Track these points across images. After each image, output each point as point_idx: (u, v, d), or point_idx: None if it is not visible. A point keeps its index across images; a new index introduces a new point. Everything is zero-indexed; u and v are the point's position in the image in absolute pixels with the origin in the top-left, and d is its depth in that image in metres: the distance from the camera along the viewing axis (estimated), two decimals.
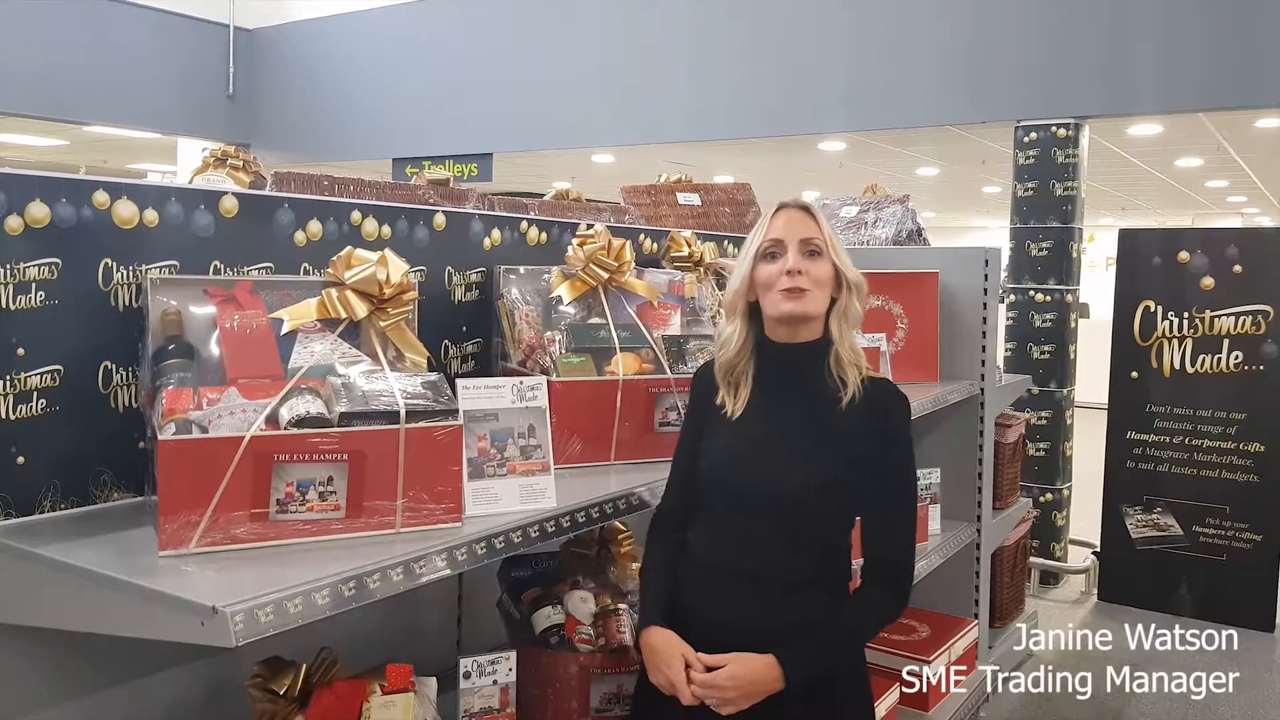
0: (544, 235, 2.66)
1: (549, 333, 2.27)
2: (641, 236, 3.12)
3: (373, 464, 1.55)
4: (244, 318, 1.67)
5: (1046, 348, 5.88)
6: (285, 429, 1.50)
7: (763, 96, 7.02)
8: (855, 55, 6.66)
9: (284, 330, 1.68)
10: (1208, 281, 5.44)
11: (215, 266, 1.86)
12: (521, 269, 2.41)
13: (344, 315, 1.72)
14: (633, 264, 2.47)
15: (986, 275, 3.88)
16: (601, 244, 2.40)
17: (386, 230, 2.20)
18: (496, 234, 2.50)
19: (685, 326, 2.55)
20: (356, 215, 2.13)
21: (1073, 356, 5.96)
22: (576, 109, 7.73)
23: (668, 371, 2.30)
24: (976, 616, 4.04)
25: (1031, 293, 5.90)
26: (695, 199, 4.29)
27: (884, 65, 6.57)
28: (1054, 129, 5.85)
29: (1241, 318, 5.35)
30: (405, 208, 2.25)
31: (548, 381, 2.14)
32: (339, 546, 1.52)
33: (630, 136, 7.64)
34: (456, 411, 1.63)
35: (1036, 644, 4.81)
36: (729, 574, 1.84)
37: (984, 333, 3.88)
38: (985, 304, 3.86)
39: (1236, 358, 5.36)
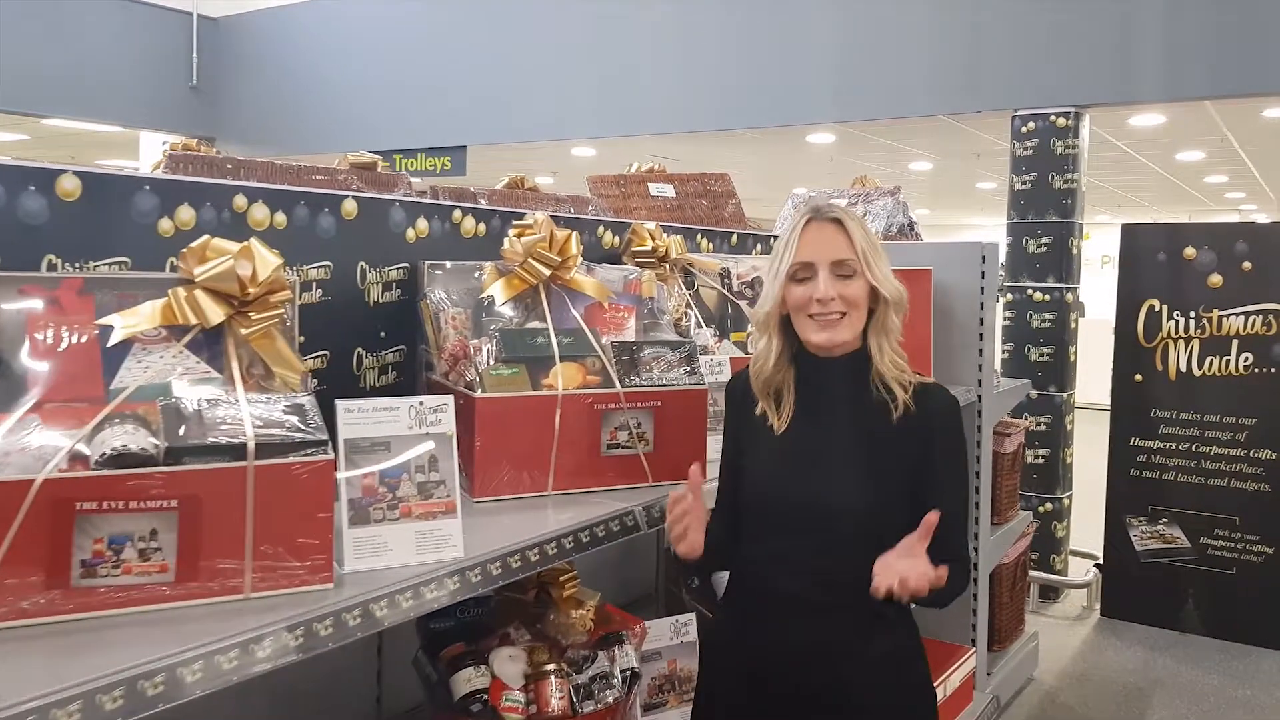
0: (482, 226, 2.32)
1: (475, 339, 1.94)
2: (600, 229, 2.79)
3: (212, 512, 1.21)
4: (63, 324, 1.32)
5: (1045, 349, 5.57)
6: (94, 469, 1.16)
7: (748, 86, 6.71)
8: (844, 42, 6.36)
9: (115, 340, 1.34)
10: (1215, 279, 5.14)
11: (50, 262, 1.52)
12: (448, 264, 2.08)
13: (194, 321, 1.38)
14: (580, 259, 2.14)
15: (984, 272, 3.58)
16: (542, 235, 2.06)
17: (280, 218, 1.86)
18: (423, 224, 2.16)
19: (642, 331, 2.22)
20: (241, 200, 1.79)
21: (1073, 358, 5.66)
22: (554, 99, 7.40)
23: (617, 384, 1.97)
24: (974, 643, 3.71)
25: (1030, 291, 5.58)
26: (669, 190, 3.97)
27: (874, 52, 6.26)
28: (1053, 118, 5.54)
29: (1251, 317, 5.05)
30: (305, 192, 1.91)
31: (472, 398, 1.81)
32: (165, 620, 1.18)
33: (611, 128, 7.31)
34: (325, 443, 1.29)
35: (1037, 669, 4.51)
36: (785, 595, 1.78)
37: (981, 334, 3.58)
38: (982, 303, 3.56)
39: (1246, 360, 5.06)
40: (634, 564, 2.88)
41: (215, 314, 1.38)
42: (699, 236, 3.32)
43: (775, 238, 3.83)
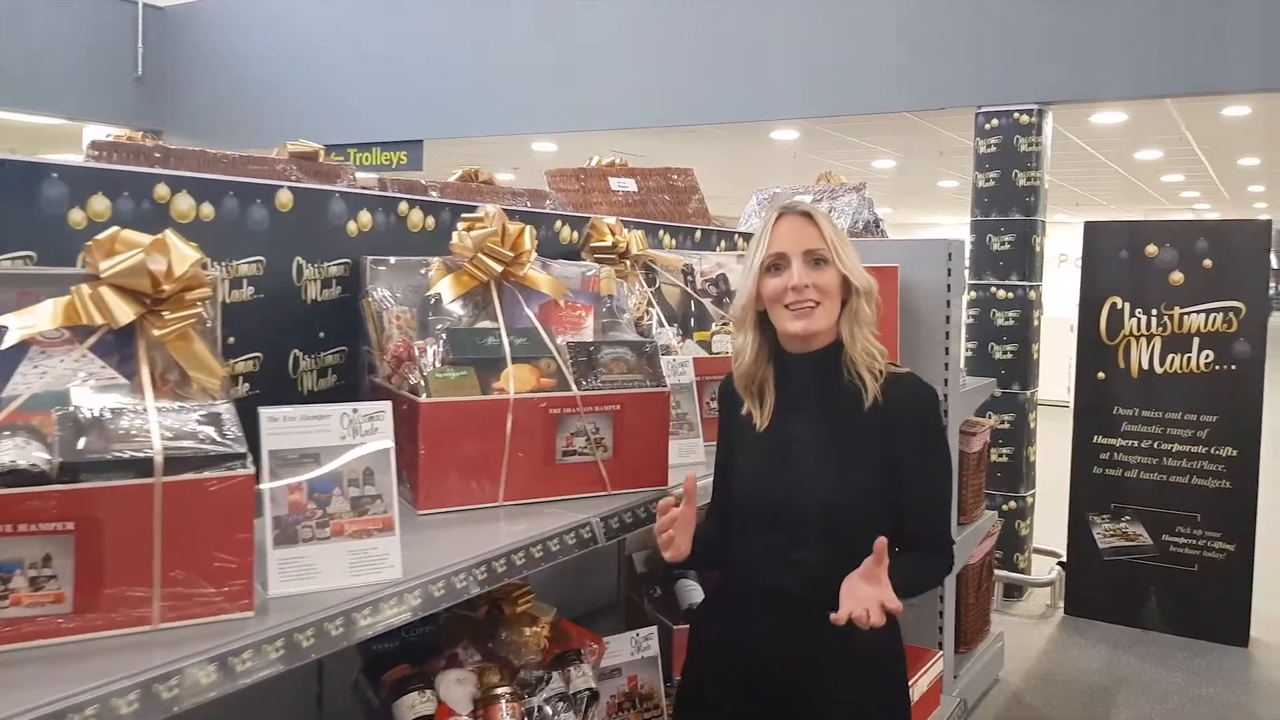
0: (430, 220, 2.20)
1: (421, 340, 1.82)
2: (558, 224, 2.67)
3: (114, 535, 1.09)
4: None
5: (1009, 347, 5.51)
6: None
7: (712, 81, 6.61)
8: (809, 38, 6.27)
9: (8, 342, 1.20)
10: (1177, 277, 5.12)
11: None
12: (393, 260, 1.95)
13: (100, 321, 1.25)
14: (534, 254, 2.02)
15: (949, 270, 3.50)
16: (493, 229, 1.95)
17: (207, 210, 1.72)
18: (365, 217, 2.03)
19: (600, 331, 2.10)
20: (163, 190, 1.65)
21: (1036, 356, 5.61)
22: (513, 93, 7.25)
23: (573, 387, 1.86)
24: (941, 645, 3.64)
25: (993, 289, 5.53)
26: (631, 185, 3.86)
27: (839, 49, 6.19)
28: (1016, 115, 5.49)
29: (1212, 315, 5.04)
30: (235, 181, 1.78)
31: (416, 403, 1.69)
32: (61, 656, 1.06)
33: (572, 123, 7.17)
34: (243, 456, 1.17)
35: (1003, 670, 4.46)
36: (772, 591, 1.79)
37: (947, 333, 3.50)
38: (949, 301, 3.48)
39: (1207, 357, 5.05)
40: (594, 572, 2.77)
41: (124, 313, 1.25)
42: (661, 232, 3.22)
43: (740, 234, 3.75)
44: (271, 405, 1.38)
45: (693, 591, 2.56)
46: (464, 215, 1.98)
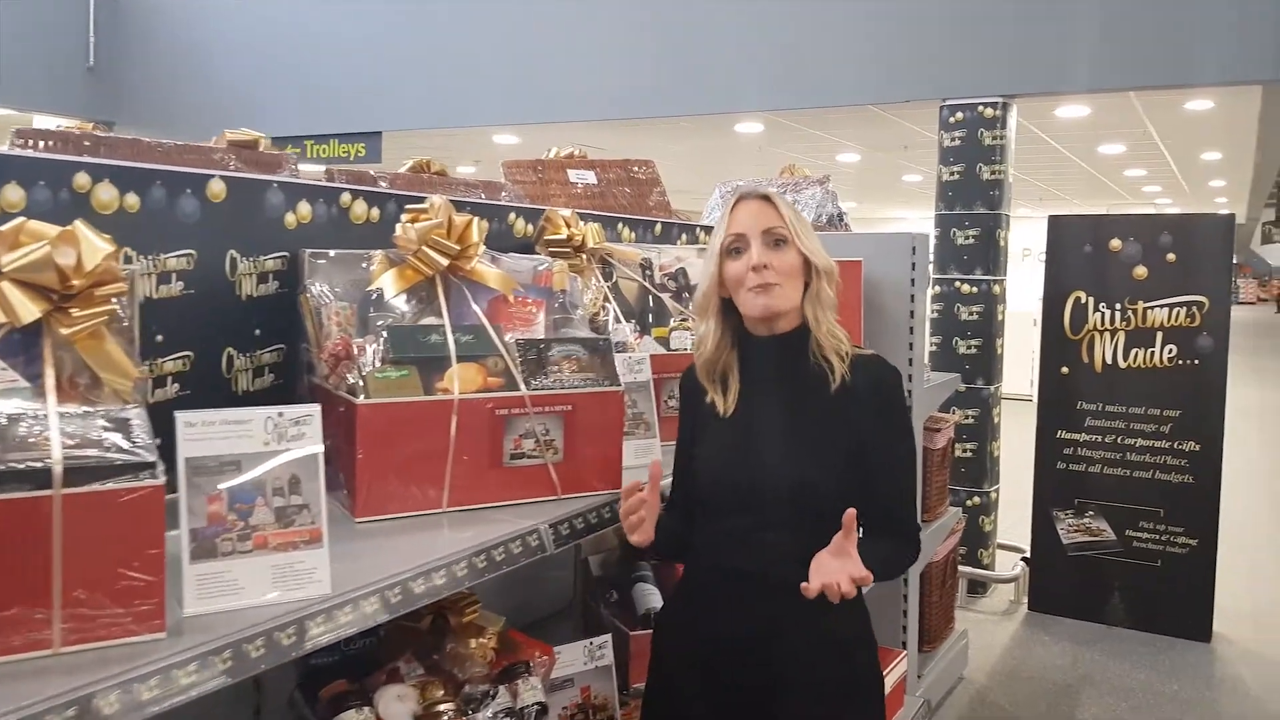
0: (375, 212, 2.11)
1: (361, 337, 1.73)
2: (512, 216, 2.59)
3: (9, 552, 1.00)
4: None
5: (973, 342, 5.49)
6: None
7: (675, 72, 6.54)
8: (773, 30, 6.21)
9: None
10: (1140, 271, 5.12)
11: None
12: (332, 253, 1.86)
13: (2, 319, 1.15)
14: (482, 247, 1.94)
15: (914, 264, 3.45)
16: (439, 221, 1.86)
17: (132, 200, 1.63)
18: (305, 209, 1.94)
19: (552, 328, 2.02)
20: (83, 179, 1.55)
21: (999, 351, 5.59)
22: (474, 84, 7.13)
23: (521, 387, 1.78)
24: (905, 645, 3.60)
25: (957, 283, 5.50)
26: (590, 177, 3.78)
27: (803, 40, 6.13)
28: (981, 108, 5.46)
29: (1175, 309, 5.04)
30: (162, 170, 1.68)
31: (353, 404, 1.61)
32: None
33: (533, 115, 7.07)
34: (153, 465, 1.08)
35: (967, 668, 4.43)
36: (741, 576, 1.78)
37: (911, 327, 3.45)
38: (913, 295, 3.43)
39: (1170, 351, 5.05)
40: (548, 577, 2.69)
41: (28, 311, 1.16)
42: (620, 225, 3.14)
43: (703, 228, 3.68)
44: (204, 406, 1.30)
45: (651, 596, 2.49)
46: (408, 206, 1.89)
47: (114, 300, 1.24)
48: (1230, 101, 6.50)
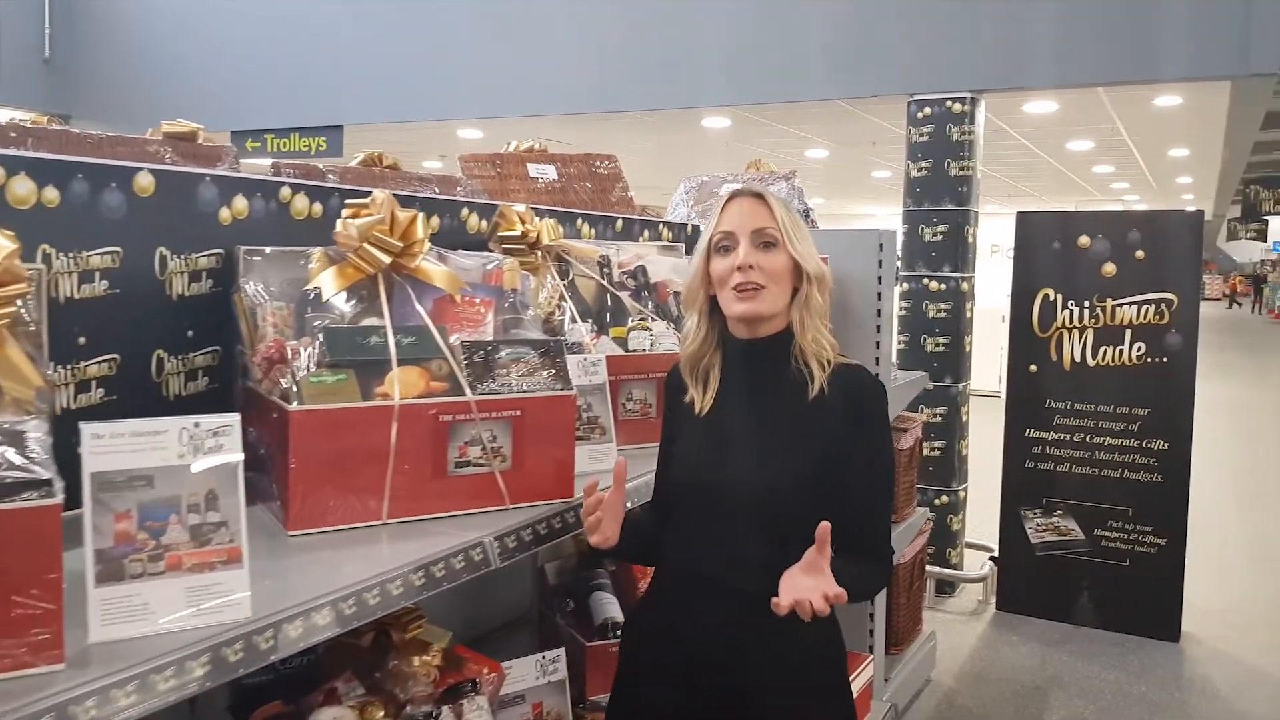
0: (318, 207, 2.01)
1: (295, 340, 1.64)
2: (465, 212, 2.51)
3: None
4: None
5: (941, 340, 5.46)
6: None
7: (641, 66, 6.46)
8: (740, 23, 6.15)
9: None
10: (1109, 268, 5.09)
11: None
12: (269, 250, 1.77)
13: None
14: (427, 244, 1.85)
15: (881, 261, 3.40)
16: (381, 216, 1.77)
17: (51, 194, 1.53)
18: (241, 204, 1.84)
19: (502, 329, 1.94)
20: None
21: (968, 349, 5.56)
22: (438, 78, 7.02)
23: (467, 391, 1.69)
24: (872, 649, 3.55)
25: (925, 281, 5.46)
26: (551, 172, 3.69)
27: (770, 34, 6.07)
28: (949, 103, 5.42)
29: (1144, 306, 5.02)
30: (84, 163, 1.58)
31: (285, 410, 1.52)
32: None
33: (497, 109, 6.97)
34: (48, 482, 0.99)
35: (935, 670, 4.39)
36: (708, 581, 1.74)
37: (878, 326, 3.40)
38: (880, 293, 3.38)
39: (1139, 349, 5.03)
40: (504, 584, 2.61)
41: None
42: (579, 221, 3.06)
43: (666, 224, 3.60)
44: (132, 412, 1.22)
45: (608, 605, 2.42)
46: (349, 201, 1.80)
47: (16, 303, 1.15)
48: (1199, 97, 6.50)
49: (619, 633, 2.17)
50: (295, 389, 1.54)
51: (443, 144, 9.35)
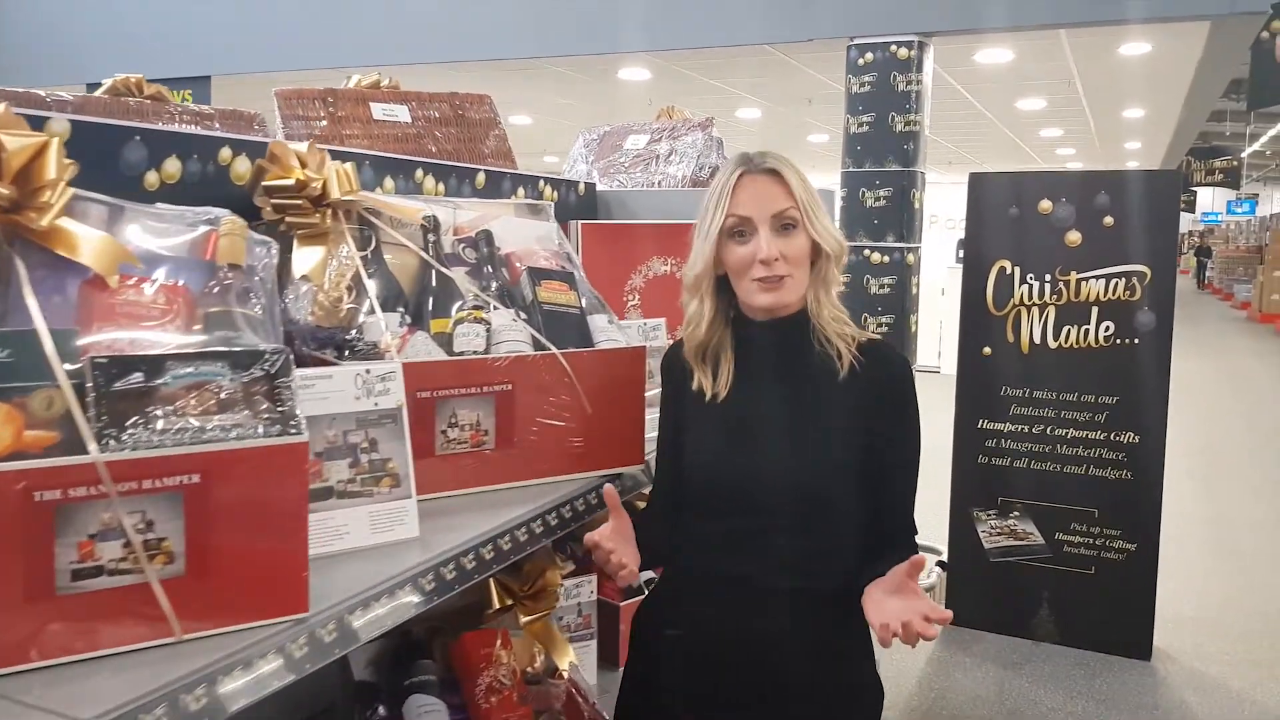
0: None
1: None
2: (225, 152, 1.74)
3: None
4: None
5: (885, 319, 4.82)
6: None
7: (545, 8, 5.69)
8: None
9: None
10: (1074, 237, 4.47)
11: None
12: None
13: None
14: (71, 191, 1.10)
15: None
16: None
17: None
18: None
19: (204, 324, 1.19)
20: None
21: (914, 328, 4.93)
22: (318, 23, 6.30)
23: (91, 446, 0.95)
24: None
25: (867, 252, 4.80)
26: (403, 113, 2.98)
27: None
28: (894, 49, 4.77)
29: (1113, 280, 4.42)
30: None
31: None
32: None
33: (385, 56, 6.19)
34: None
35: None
36: (735, 581, 1.65)
37: None
38: None
39: (1107, 329, 4.43)
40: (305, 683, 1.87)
41: None
42: (419, 172, 2.31)
43: (547, 180, 2.91)
44: None
45: (431, 713, 1.70)
46: None
47: None
48: (1171, 43, 5.91)
49: None
50: None
51: None
